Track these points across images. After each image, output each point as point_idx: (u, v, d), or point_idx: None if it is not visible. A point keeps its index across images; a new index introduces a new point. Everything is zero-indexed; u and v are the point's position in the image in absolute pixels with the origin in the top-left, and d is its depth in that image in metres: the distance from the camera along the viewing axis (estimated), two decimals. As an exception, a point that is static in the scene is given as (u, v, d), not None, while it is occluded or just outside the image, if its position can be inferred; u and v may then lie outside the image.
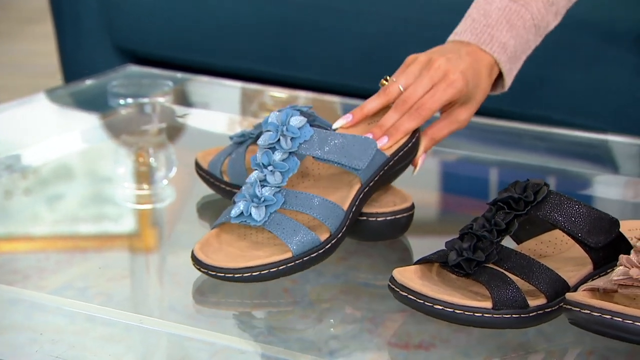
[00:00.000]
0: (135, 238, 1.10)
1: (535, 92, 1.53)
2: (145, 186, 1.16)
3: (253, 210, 0.87)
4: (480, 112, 1.44)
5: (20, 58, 2.83)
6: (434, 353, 0.81)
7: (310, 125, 0.93)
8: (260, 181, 0.89)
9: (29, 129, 1.33)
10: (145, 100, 1.32)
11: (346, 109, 1.42)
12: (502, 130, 1.30)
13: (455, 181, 1.24)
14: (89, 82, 1.42)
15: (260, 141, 0.90)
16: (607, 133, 1.30)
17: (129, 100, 1.33)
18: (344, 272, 0.93)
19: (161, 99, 1.34)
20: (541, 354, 0.82)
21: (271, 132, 0.90)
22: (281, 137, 0.90)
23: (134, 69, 1.47)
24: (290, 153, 0.89)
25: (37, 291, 0.92)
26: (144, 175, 1.16)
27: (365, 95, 1.54)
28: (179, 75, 1.46)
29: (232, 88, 1.49)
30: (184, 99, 1.44)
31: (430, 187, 1.19)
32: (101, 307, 0.88)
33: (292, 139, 0.89)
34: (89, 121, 1.37)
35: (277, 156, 0.89)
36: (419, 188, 1.01)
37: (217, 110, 1.45)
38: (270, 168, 0.89)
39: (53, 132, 1.35)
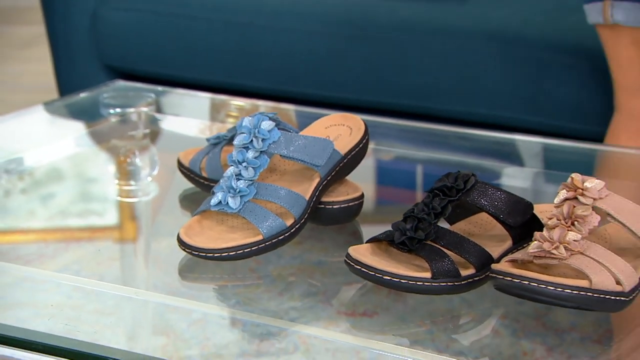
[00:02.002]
0: (124, 227, 1.09)
1: (463, 91, 1.56)
2: (132, 182, 1.13)
3: (230, 200, 0.86)
4: (414, 117, 1.46)
5: (19, 77, 2.77)
6: (376, 319, 0.81)
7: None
8: (235, 175, 0.87)
9: (31, 137, 1.30)
10: (131, 109, 1.30)
11: (299, 115, 1.42)
12: (432, 132, 1.30)
13: (395, 175, 1.23)
14: (82, 95, 1.38)
15: (235, 141, 0.89)
16: (514, 133, 1.30)
17: (118, 110, 1.30)
18: (300, 254, 0.92)
19: (145, 109, 1.32)
20: (464, 317, 0.82)
21: (245, 134, 0.89)
22: (254, 139, 0.88)
23: (122, 83, 1.44)
24: (261, 152, 0.88)
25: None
26: (131, 173, 1.14)
27: (313, 102, 1.54)
28: (159, 88, 1.43)
29: (203, 98, 1.47)
30: (163, 108, 1.41)
31: (375, 181, 1.19)
32: (98, 282, 0.87)
33: (262, 140, 0.88)
34: (83, 129, 1.34)
35: (250, 154, 0.88)
36: (366, 181, 1.01)
37: (190, 117, 1.42)
38: (244, 164, 0.88)
39: (52, 138, 1.32)
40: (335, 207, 0.93)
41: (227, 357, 0.76)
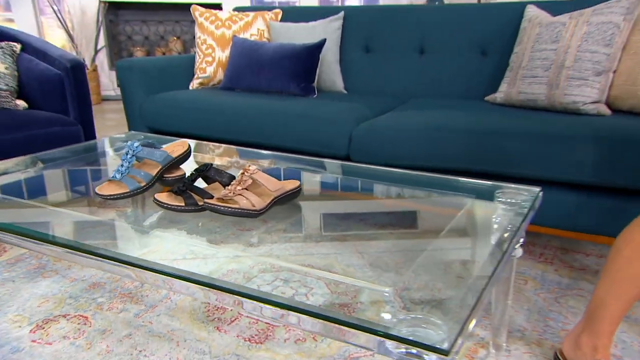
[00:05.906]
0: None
1: (285, 136, 1.50)
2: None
3: (117, 175, 0.99)
4: (274, 149, 1.45)
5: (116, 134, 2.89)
6: (230, 240, 0.81)
7: (148, 147, 1.02)
8: (121, 166, 1.00)
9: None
10: (136, 143, 1.38)
11: (241, 152, 1.36)
12: (273, 155, 1.28)
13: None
14: (116, 135, 1.43)
15: (123, 151, 1.02)
16: (324, 157, 1.31)
17: (128, 142, 1.39)
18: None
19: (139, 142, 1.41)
20: (273, 235, 0.80)
21: (127, 148, 1.02)
22: (129, 150, 1.01)
23: (132, 132, 1.46)
24: (132, 155, 1.01)
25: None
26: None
27: (237, 143, 1.56)
28: (162, 136, 1.43)
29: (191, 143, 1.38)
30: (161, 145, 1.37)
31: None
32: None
33: (134, 150, 1.01)
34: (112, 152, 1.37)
35: (128, 156, 1.00)
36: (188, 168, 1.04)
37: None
38: (125, 161, 1.00)
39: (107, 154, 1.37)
40: (170, 178, 1.03)
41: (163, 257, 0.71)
